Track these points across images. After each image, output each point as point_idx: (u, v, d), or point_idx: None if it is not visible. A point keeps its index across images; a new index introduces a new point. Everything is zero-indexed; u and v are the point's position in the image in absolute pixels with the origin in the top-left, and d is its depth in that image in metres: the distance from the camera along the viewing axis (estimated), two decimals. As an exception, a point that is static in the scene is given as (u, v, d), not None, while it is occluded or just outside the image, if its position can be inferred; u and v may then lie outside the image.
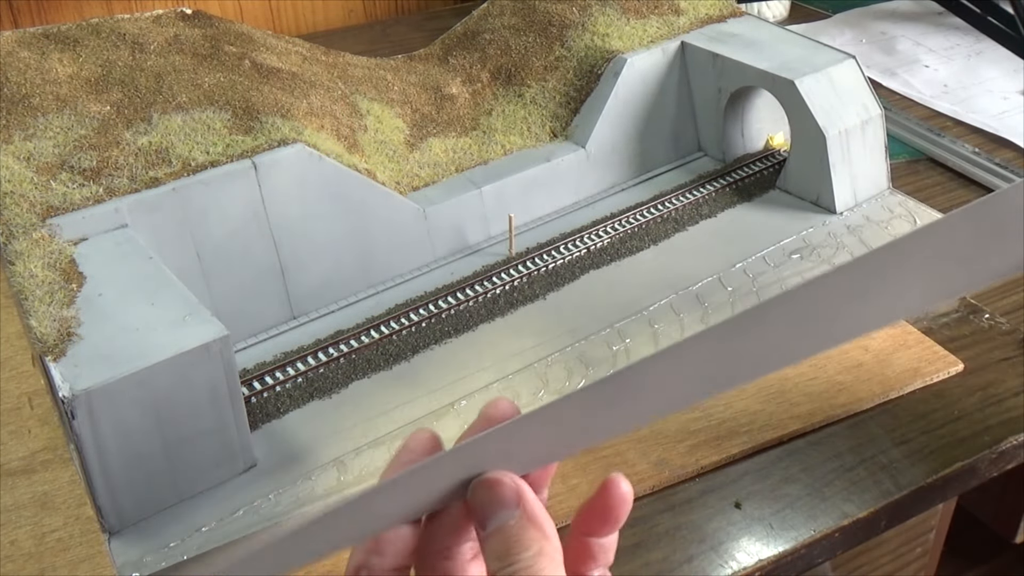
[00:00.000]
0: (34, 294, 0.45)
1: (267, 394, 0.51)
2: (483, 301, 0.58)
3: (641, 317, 0.57)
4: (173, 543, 0.43)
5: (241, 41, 0.61)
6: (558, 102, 0.68)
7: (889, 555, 0.69)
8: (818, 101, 0.64)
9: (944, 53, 0.98)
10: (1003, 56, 0.95)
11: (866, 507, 0.47)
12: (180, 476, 0.45)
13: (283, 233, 0.55)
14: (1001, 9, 0.93)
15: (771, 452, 0.51)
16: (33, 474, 0.50)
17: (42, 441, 0.52)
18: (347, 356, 0.53)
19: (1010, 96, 0.89)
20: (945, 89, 0.91)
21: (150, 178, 0.51)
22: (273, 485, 0.46)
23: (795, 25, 1.03)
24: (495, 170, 0.64)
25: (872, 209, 0.67)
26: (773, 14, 1.06)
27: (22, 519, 0.47)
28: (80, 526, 0.47)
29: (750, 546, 0.46)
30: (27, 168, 0.49)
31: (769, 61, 0.66)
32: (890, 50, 0.99)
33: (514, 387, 0.52)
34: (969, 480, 0.51)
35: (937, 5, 1.02)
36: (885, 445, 0.51)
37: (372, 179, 0.57)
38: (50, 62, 0.55)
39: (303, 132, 0.55)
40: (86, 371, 0.41)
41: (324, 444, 0.48)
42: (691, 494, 0.48)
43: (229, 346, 0.43)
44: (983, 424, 0.52)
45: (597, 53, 0.68)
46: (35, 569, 0.45)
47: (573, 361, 0.54)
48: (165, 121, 0.53)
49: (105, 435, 0.41)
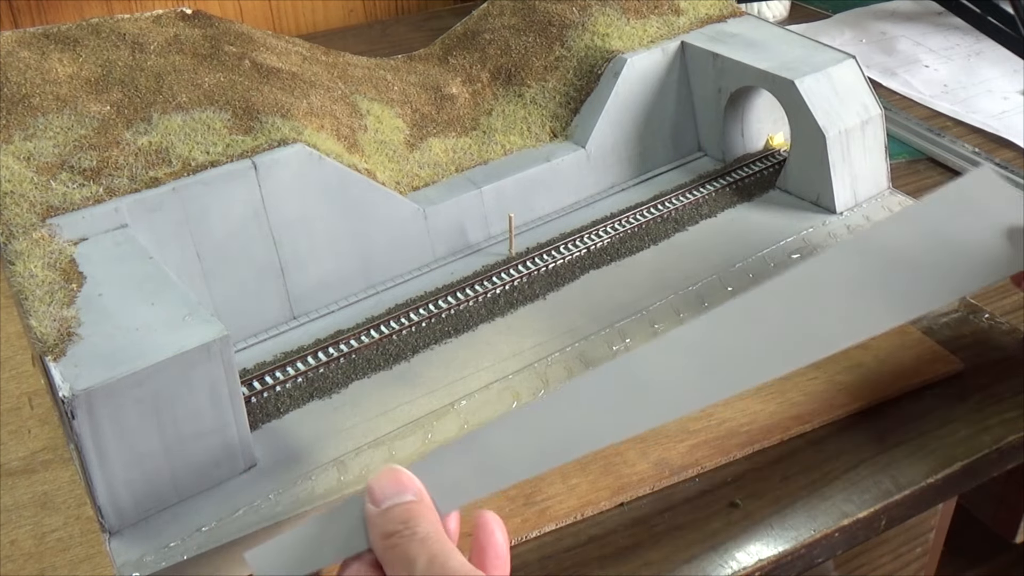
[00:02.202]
0: (34, 294, 0.45)
1: (267, 394, 0.51)
2: (483, 301, 0.58)
3: (641, 317, 0.57)
4: (173, 543, 0.43)
5: (241, 41, 0.61)
6: (558, 102, 0.68)
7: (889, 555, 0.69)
8: (818, 101, 0.64)
9: (944, 53, 0.98)
10: (1003, 56, 0.95)
11: (866, 507, 0.47)
12: (180, 476, 0.45)
13: (283, 233, 0.55)
14: (1001, 9, 0.93)
15: (771, 452, 0.51)
16: (33, 474, 0.50)
17: (42, 441, 0.52)
18: (347, 356, 0.53)
19: (1010, 96, 0.89)
20: (945, 89, 0.91)
21: (150, 178, 0.51)
22: (273, 485, 0.46)
23: (795, 25, 1.03)
24: (495, 170, 0.64)
25: (872, 209, 0.67)
26: (773, 14, 1.06)
27: (22, 519, 0.47)
28: (80, 526, 0.47)
29: (750, 546, 0.46)
30: (27, 168, 0.49)
31: (769, 61, 0.66)
32: (890, 50, 0.99)
33: (514, 387, 0.52)
34: (969, 480, 0.51)
35: (937, 5, 1.02)
36: (885, 445, 0.51)
37: (372, 179, 0.57)
38: (50, 62, 0.55)
39: (303, 132, 0.55)
40: (86, 371, 0.41)
41: (324, 444, 0.48)
42: (691, 494, 0.48)
43: (229, 346, 0.43)
44: (983, 424, 0.52)
45: (597, 53, 0.68)
46: (35, 569, 0.45)
47: (573, 361, 0.54)
48: (165, 121, 0.53)
49: (105, 435, 0.41)
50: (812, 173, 0.66)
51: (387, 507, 0.33)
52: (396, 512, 0.33)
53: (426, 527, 0.33)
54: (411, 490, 0.34)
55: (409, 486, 0.34)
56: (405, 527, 0.33)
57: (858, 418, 0.52)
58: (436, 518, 0.34)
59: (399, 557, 0.32)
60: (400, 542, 0.32)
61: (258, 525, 0.44)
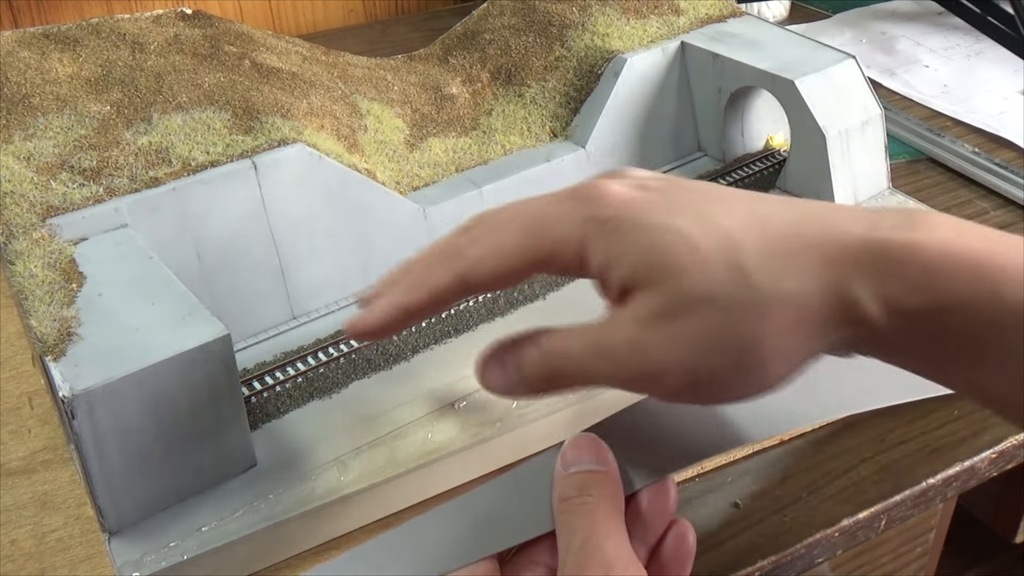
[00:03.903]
0: (34, 294, 0.45)
1: (267, 394, 0.51)
2: (483, 301, 0.58)
3: (641, 317, 0.57)
4: (173, 543, 0.43)
5: (241, 41, 0.61)
6: (558, 102, 0.68)
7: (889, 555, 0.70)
8: (818, 101, 0.64)
9: (944, 53, 0.98)
10: (1003, 56, 0.95)
11: (866, 507, 0.47)
12: (180, 476, 0.45)
13: (283, 233, 0.55)
14: (1001, 9, 0.93)
15: (771, 452, 0.51)
16: (33, 474, 0.50)
17: (42, 441, 0.52)
18: (347, 356, 0.53)
19: (1010, 96, 0.89)
20: (945, 89, 0.91)
21: (150, 178, 0.51)
22: (273, 485, 0.46)
23: (795, 25, 1.03)
24: (495, 170, 0.64)
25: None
26: (773, 14, 1.06)
27: (22, 519, 0.47)
28: (80, 526, 0.47)
29: (750, 546, 0.46)
30: (27, 168, 0.49)
31: (769, 61, 0.66)
32: (890, 50, 0.99)
33: (514, 387, 0.52)
34: (969, 480, 0.51)
35: (937, 5, 1.02)
36: (885, 445, 0.51)
37: (372, 179, 0.57)
38: (50, 62, 0.55)
39: (303, 132, 0.55)
40: (86, 371, 0.41)
41: (324, 444, 0.48)
42: (691, 494, 0.48)
43: (229, 346, 0.43)
44: (983, 424, 0.52)
45: (597, 53, 0.68)
46: (35, 569, 0.45)
47: (573, 361, 0.54)
48: (165, 121, 0.53)
49: (105, 435, 0.41)
50: (812, 173, 0.66)
51: (573, 471, 0.33)
52: (576, 478, 0.33)
53: (597, 500, 0.32)
54: (601, 459, 0.34)
55: (600, 455, 0.34)
56: (579, 495, 0.32)
57: (858, 418, 0.52)
58: (618, 492, 0.33)
59: (563, 525, 0.32)
60: (569, 509, 0.32)
61: (258, 525, 0.44)
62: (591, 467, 0.33)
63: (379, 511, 0.47)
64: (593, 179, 0.35)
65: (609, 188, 0.33)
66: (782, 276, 0.30)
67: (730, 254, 0.30)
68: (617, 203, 0.32)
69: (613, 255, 0.31)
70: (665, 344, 0.30)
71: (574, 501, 0.32)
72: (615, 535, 0.32)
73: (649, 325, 0.30)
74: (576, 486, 0.33)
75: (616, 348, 0.31)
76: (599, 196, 0.33)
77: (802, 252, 0.30)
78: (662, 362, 0.30)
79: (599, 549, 0.31)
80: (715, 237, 0.30)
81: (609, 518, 0.32)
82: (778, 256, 0.30)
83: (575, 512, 0.32)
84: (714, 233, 0.31)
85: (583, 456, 0.34)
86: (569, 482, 0.33)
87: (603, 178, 0.35)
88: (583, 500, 0.32)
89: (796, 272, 0.30)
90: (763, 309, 0.29)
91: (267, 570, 0.45)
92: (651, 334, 0.30)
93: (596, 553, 0.31)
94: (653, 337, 0.30)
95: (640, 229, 0.31)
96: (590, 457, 0.34)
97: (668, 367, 0.30)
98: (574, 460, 0.34)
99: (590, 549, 0.31)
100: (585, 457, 0.34)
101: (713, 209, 0.32)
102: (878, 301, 0.30)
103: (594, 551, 0.31)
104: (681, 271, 0.30)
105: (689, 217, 0.31)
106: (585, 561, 0.31)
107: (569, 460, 0.34)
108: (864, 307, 0.30)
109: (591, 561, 0.30)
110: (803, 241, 0.30)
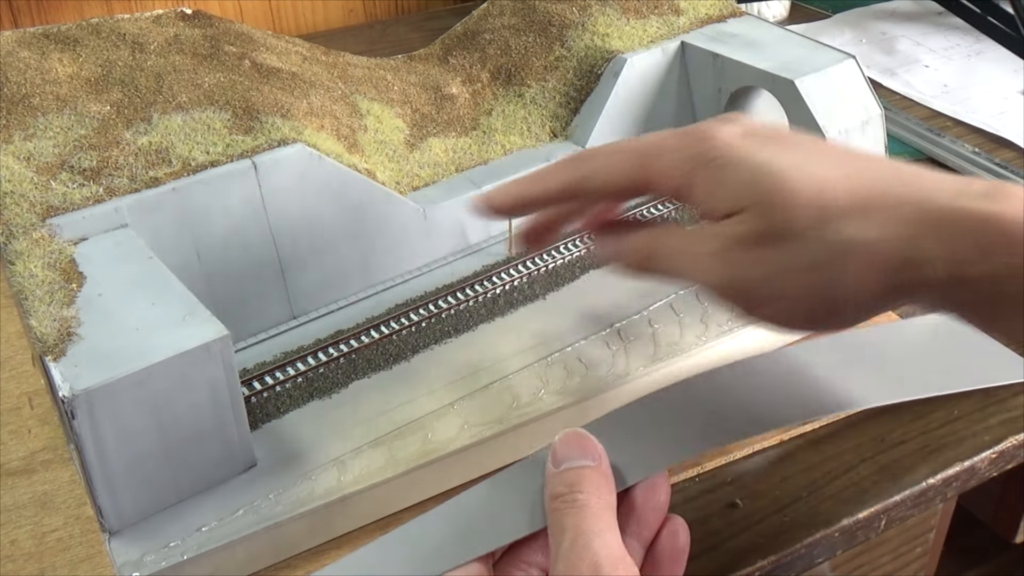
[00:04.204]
0: (34, 294, 0.45)
1: (267, 394, 0.51)
2: (483, 301, 0.58)
3: (641, 317, 0.57)
4: (173, 543, 0.43)
5: (241, 41, 0.61)
6: (558, 102, 0.68)
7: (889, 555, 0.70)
8: (818, 101, 0.64)
9: (944, 53, 0.98)
10: (1003, 56, 0.95)
11: (866, 507, 0.47)
12: (180, 476, 0.45)
13: (283, 233, 0.55)
14: (1001, 9, 0.93)
15: (771, 452, 0.51)
16: (33, 474, 0.50)
17: (42, 441, 0.52)
18: (347, 356, 0.53)
19: (1010, 96, 0.89)
20: (945, 89, 0.91)
21: (150, 178, 0.51)
22: (273, 485, 0.46)
23: (795, 25, 1.03)
24: (495, 170, 0.64)
25: (872, 209, 0.67)
26: (773, 14, 1.06)
27: (22, 519, 0.47)
28: (80, 526, 0.47)
29: (750, 546, 0.46)
30: (27, 168, 0.49)
31: (769, 61, 0.66)
32: (890, 50, 0.99)
33: (513, 387, 0.52)
34: (969, 480, 0.51)
35: (937, 5, 1.02)
36: (885, 445, 0.51)
37: (372, 179, 0.57)
38: (50, 62, 0.55)
39: (303, 132, 0.55)
40: (86, 371, 0.41)
41: (324, 444, 0.48)
42: (690, 494, 0.48)
43: (229, 346, 0.43)
44: (983, 424, 0.52)
45: (597, 53, 0.68)
46: (35, 569, 0.45)
47: (573, 361, 0.54)
48: (165, 121, 0.53)
49: (105, 435, 0.41)
50: (812, 173, 0.66)
51: (563, 468, 0.34)
52: (568, 475, 0.34)
53: (587, 497, 0.33)
54: (591, 455, 0.34)
55: (590, 450, 0.35)
56: (569, 492, 0.33)
57: (858, 418, 0.52)
58: (609, 488, 0.34)
59: (555, 523, 0.33)
60: (560, 507, 0.33)
61: (258, 525, 0.44)
62: (581, 463, 0.34)
63: (379, 511, 0.47)
64: (706, 121, 0.38)
65: (719, 131, 0.37)
66: (865, 228, 0.33)
67: (822, 200, 0.34)
68: (722, 146, 0.36)
69: (719, 186, 0.36)
70: (752, 263, 0.35)
71: (565, 499, 0.33)
72: (606, 532, 0.32)
73: (740, 243, 0.35)
74: (566, 483, 0.33)
75: (707, 256, 0.36)
76: (709, 137, 0.37)
77: (888, 209, 0.33)
78: (745, 278, 0.35)
79: (589, 547, 0.31)
80: (812, 183, 0.34)
81: (600, 515, 0.32)
82: (864, 210, 0.33)
83: (566, 510, 0.33)
84: (811, 180, 0.34)
85: (572, 452, 0.34)
86: (560, 479, 0.34)
87: (716, 121, 0.38)
88: (573, 497, 0.33)
89: (877, 225, 0.33)
90: (842, 254, 0.33)
91: (267, 570, 0.45)
92: (741, 252, 0.35)
93: (586, 551, 0.31)
94: (743, 255, 0.35)
95: (745, 165, 0.35)
96: (579, 452, 0.34)
97: (751, 284, 0.35)
98: (564, 456, 0.34)
99: (580, 547, 0.31)
100: (575, 453, 0.34)
101: (814, 159, 0.35)
102: (947, 264, 0.32)
103: (584, 549, 0.31)
104: (778, 207, 0.34)
105: (791, 163, 0.35)
106: (575, 559, 0.31)
107: (560, 457, 0.34)
108: (932, 266, 0.32)
109: (581, 559, 0.31)
110: (891, 200, 0.34)
